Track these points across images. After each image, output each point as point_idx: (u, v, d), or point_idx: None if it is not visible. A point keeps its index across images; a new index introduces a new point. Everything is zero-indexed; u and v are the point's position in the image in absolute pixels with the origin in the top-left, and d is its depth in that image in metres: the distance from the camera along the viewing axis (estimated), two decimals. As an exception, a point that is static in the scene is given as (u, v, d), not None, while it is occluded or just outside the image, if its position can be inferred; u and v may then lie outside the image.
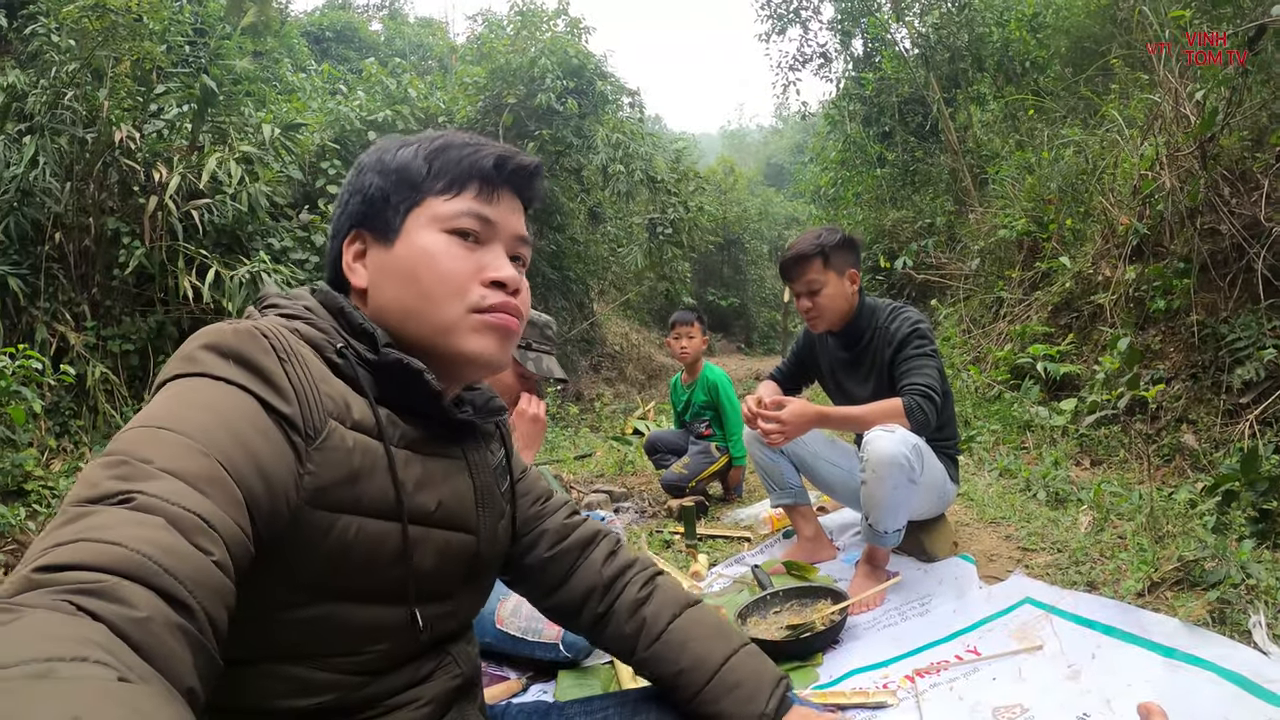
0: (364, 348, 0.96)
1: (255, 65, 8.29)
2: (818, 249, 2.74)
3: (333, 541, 0.86)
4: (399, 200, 1.01)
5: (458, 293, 0.98)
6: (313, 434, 0.84)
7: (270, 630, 0.85)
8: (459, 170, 1.00)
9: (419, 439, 0.99)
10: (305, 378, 0.86)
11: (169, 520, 0.64)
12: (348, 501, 0.87)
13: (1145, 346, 4.29)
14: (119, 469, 0.68)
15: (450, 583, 1.03)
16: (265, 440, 0.79)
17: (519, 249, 1.06)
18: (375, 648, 0.93)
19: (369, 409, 0.92)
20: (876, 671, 2.13)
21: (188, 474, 0.69)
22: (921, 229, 9.80)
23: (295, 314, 0.96)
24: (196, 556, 0.64)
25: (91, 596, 0.55)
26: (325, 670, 0.89)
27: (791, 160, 28.75)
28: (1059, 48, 8.47)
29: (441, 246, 0.98)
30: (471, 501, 1.06)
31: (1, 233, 5.28)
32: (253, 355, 0.83)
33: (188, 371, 0.81)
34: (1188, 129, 4.31)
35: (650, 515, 4.25)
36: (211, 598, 0.64)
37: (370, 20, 20.48)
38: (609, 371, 12.51)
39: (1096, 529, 2.89)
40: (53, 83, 5.58)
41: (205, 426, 0.74)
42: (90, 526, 0.61)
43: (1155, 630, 2.06)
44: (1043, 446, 4.26)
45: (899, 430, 2.45)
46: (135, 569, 0.59)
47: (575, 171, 10.77)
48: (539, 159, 1.08)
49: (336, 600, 0.89)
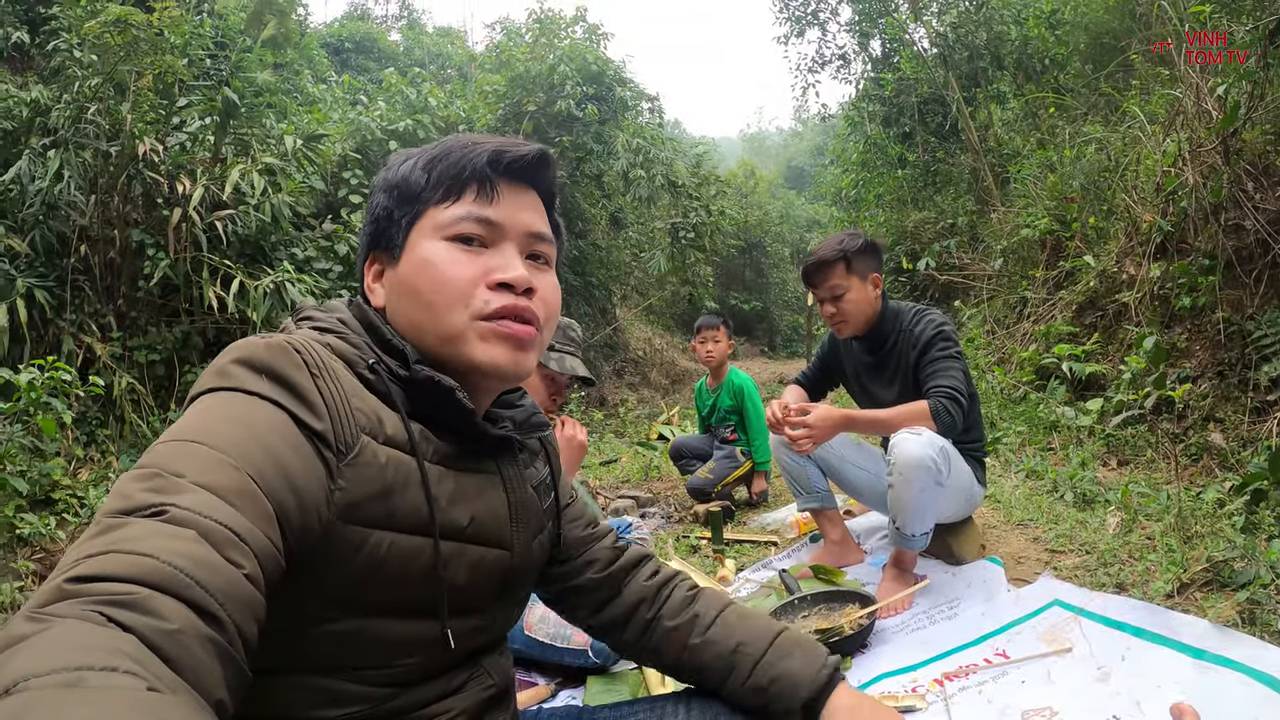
0: (395, 364, 0.95)
1: (276, 77, 8.38)
2: (840, 254, 2.74)
3: (365, 557, 0.85)
4: (401, 215, 1.00)
5: (460, 300, 0.95)
6: (344, 450, 0.84)
7: (301, 642, 0.85)
8: (455, 174, 0.98)
9: (452, 454, 0.98)
10: (337, 393, 0.86)
11: (201, 533, 0.64)
12: (380, 517, 0.87)
13: (1171, 345, 4.24)
14: (151, 482, 0.68)
15: (483, 598, 1.02)
16: (297, 455, 0.79)
17: (536, 246, 1.03)
18: (406, 661, 0.92)
19: (401, 424, 0.92)
20: (905, 675, 2.12)
21: (219, 487, 0.69)
22: (943, 229, 9.74)
23: (329, 327, 0.96)
24: (227, 569, 0.64)
25: (122, 608, 0.55)
26: (355, 683, 0.89)
27: (812, 163, 28.72)
28: (1078, 44, 8.39)
29: (440, 254, 0.96)
30: (506, 517, 1.04)
31: (28, 246, 5.36)
32: (285, 370, 0.83)
33: (220, 386, 0.82)
34: (1210, 124, 4.27)
35: (676, 521, 4.25)
36: (242, 610, 0.64)
37: (389, 31, 20.66)
38: (632, 377, 12.52)
39: (1124, 530, 2.86)
40: (76, 97, 5.66)
41: (237, 440, 0.75)
42: (122, 538, 0.61)
43: (1185, 631, 2.04)
44: (1069, 447, 4.23)
45: (926, 433, 2.45)
46: (166, 581, 0.59)
47: (596, 177, 10.80)
48: (541, 146, 1.03)
49: (368, 615, 0.88)
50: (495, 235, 0.99)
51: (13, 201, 5.52)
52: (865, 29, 12.09)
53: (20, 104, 5.96)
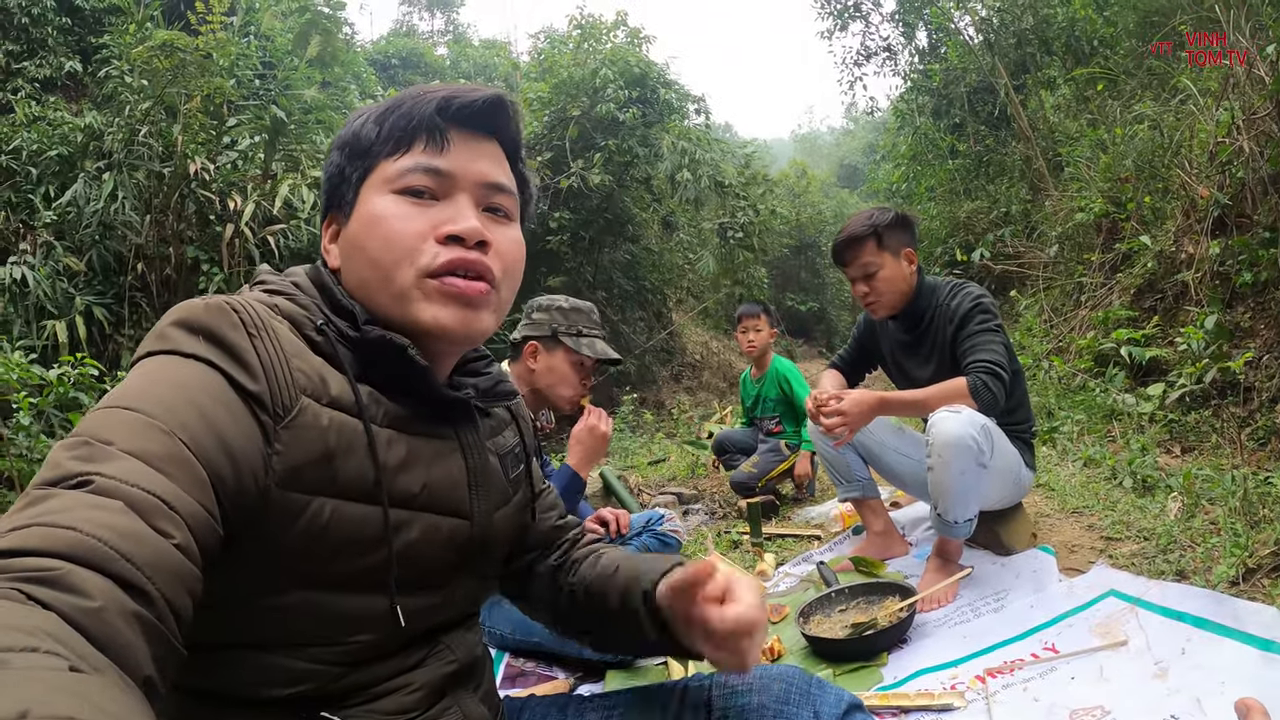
0: (345, 324, 0.91)
1: (323, 94, 8.56)
2: (870, 229, 2.65)
3: (305, 525, 0.81)
4: (352, 171, 0.96)
5: (407, 255, 0.91)
6: (282, 412, 0.80)
7: (245, 616, 0.82)
8: (405, 125, 0.93)
9: (405, 417, 0.93)
10: (275, 352, 0.82)
11: (128, 502, 0.62)
12: (322, 482, 0.83)
13: (1234, 324, 4.04)
14: (79, 450, 0.66)
15: (441, 570, 0.97)
16: (231, 417, 0.76)
17: (493, 198, 0.98)
18: (357, 638, 0.88)
19: (348, 386, 0.88)
20: (945, 671, 2.02)
21: (149, 454, 0.67)
22: (997, 219, 9.51)
23: (278, 289, 0.93)
24: (155, 540, 0.61)
25: (42, 585, 0.53)
26: (304, 660, 0.85)
27: (865, 160, 28.31)
28: (1127, 24, 8.12)
29: (388, 208, 0.92)
30: (464, 483, 0.99)
31: (85, 265, 5.55)
32: (220, 330, 0.80)
33: (158, 349, 0.79)
34: (1263, 90, 4.06)
35: (720, 517, 4.20)
36: (171, 583, 0.61)
37: (435, 45, 21.00)
38: (689, 380, 12.45)
39: (1186, 515, 2.70)
40: (128, 121, 5.86)
41: (169, 404, 0.72)
42: (46, 510, 0.59)
43: (1251, 621, 1.89)
44: (1129, 434, 4.04)
45: (966, 411, 2.33)
46: (88, 554, 0.56)
47: (644, 181, 10.79)
48: (498, 91, 0.97)
49: (313, 588, 0.84)
50: (446, 186, 0.94)
51: (71, 223, 5.74)
52: (909, 19, 11.89)
53: (75, 130, 6.20)
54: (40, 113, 6.72)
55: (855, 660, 2.14)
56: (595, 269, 11.01)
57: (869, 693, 1.96)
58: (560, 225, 9.70)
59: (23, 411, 3.18)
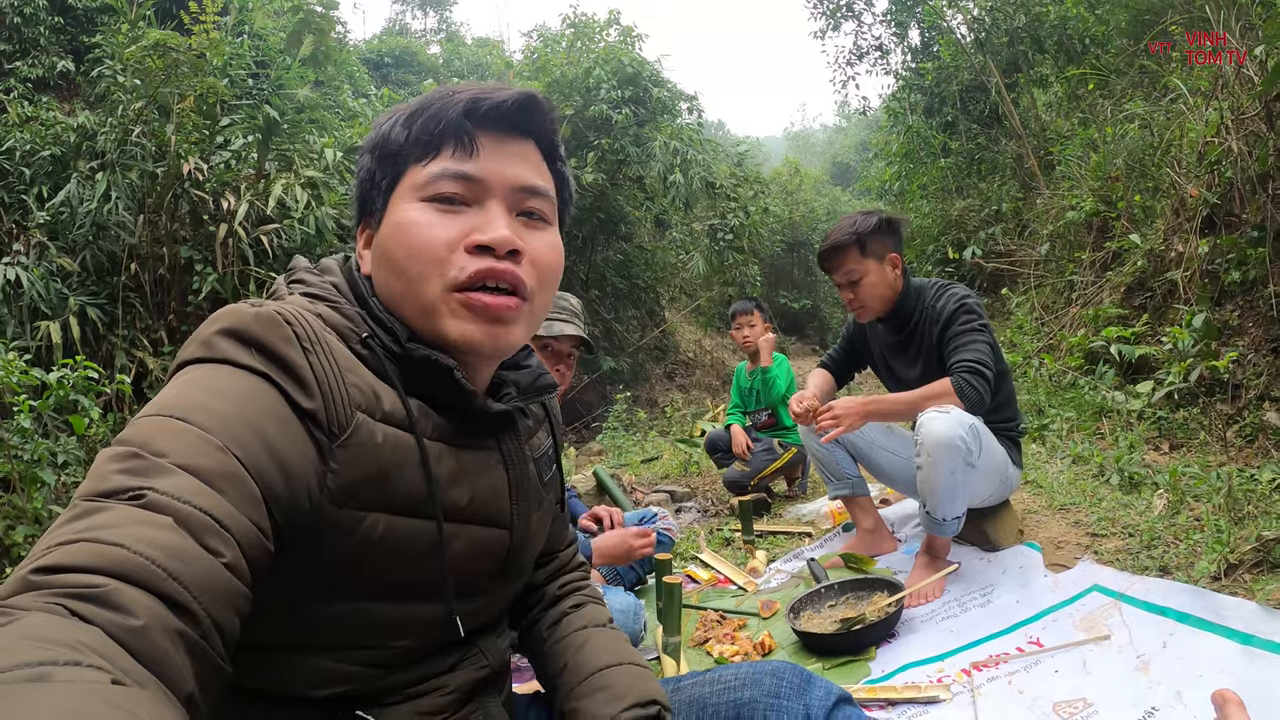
0: (389, 338, 0.89)
1: (316, 94, 8.53)
2: (853, 237, 2.67)
3: (359, 540, 0.81)
4: (382, 177, 0.94)
5: (435, 266, 0.88)
6: (338, 430, 0.79)
7: (294, 622, 0.82)
8: (434, 128, 0.90)
9: (451, 430, 0.92)
10: (331, 369, 0.80)
11: (178, 520, 0.61)
12: (376, 498, 0.82)
13: (1223, 322, 4.08)
14: (129, 462, 0.64)
15: (481, 578, 0.98)
16: (286, 434, 0.74)
17: (528, 202, 0.94)
18: (400, 643, 0.89)
19: (399, 400, 0.86)
20: (932, 665, 2.05)
21: (202, 470, 0.66)
22: (989, 217, 9.55)
23: (321, 294, 0.91)
24: (204, 559, 0.61)
25: (86, 602, 0.53)
26: (348, 663, 0.85)
27: (857, 158, 28.35)
28: (1118, 22, 8.16)
29: (416, 216, 0.89)
30: (505, 495, 0.99)
31: (79, 265, 5.54)
32: (275, 344, 0.78)
33: (207, 357, 0.77)
34: (1252, 90, 4.09)
35: (712, 515, 4.22)
36: (219, 602, 0.61)
37: (428, 44, 20.96)
38: (682, 379, 12.47)
39: (1171, 512, 2.74)
40: (121, 120, 5.84)
41: (223, 417, 0.70)
42: (94, 525, 0.58)
43: (1231, 615, 1.93)
44: (1118, 432, 4.08)
45: (954, 411, 2.36)
46: (135, 572, 0.56)
47: (637, 180, 10.80)
48: (528, 90, 0.93)
49: (364, 598, 0.85)
50: (477, 192, 0.91)
51: (64, 223, 5.73)
52: (901, 18, 11.91)
53: (68, 130, 6.19)
54: (33, 113, 6.70)
55: (844, 654, 2.17)
56: (588, 267, 11.02)
57: (857, 686, 1.99)
58: (554, 224, 9.69)
59: (23, 414, 3.18)
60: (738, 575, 3.01)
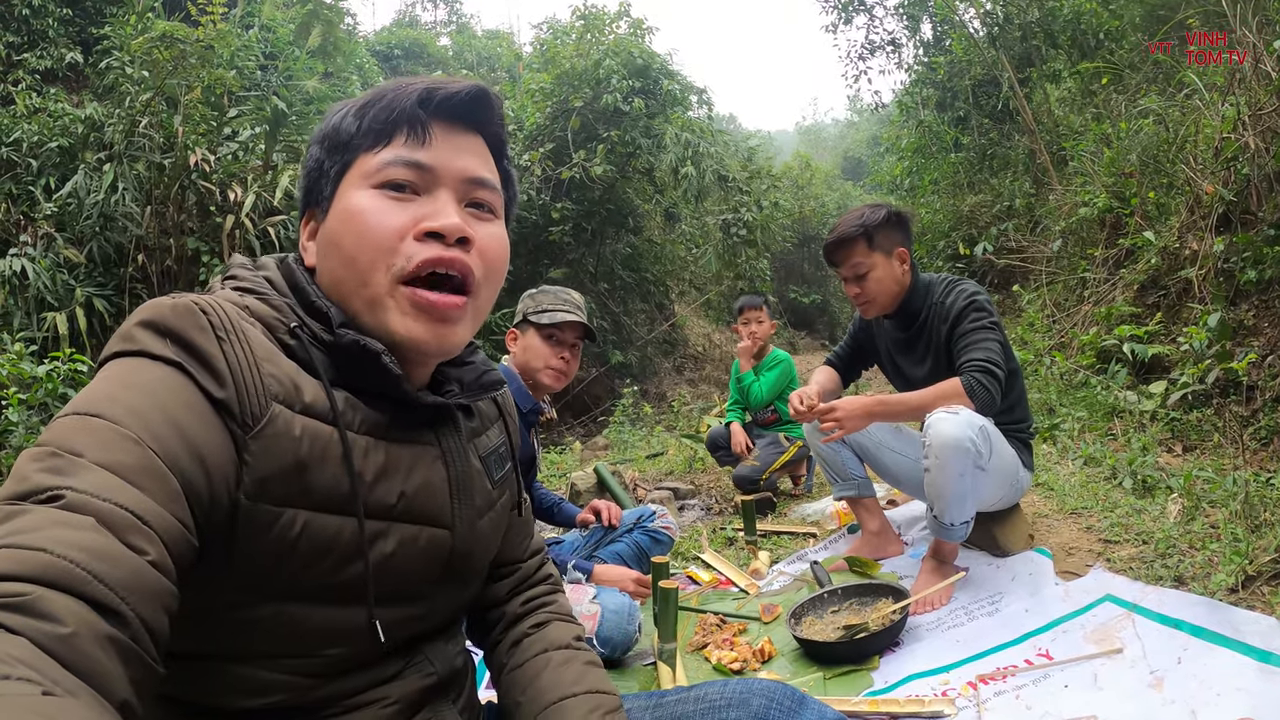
0: (320, 327, 0.88)
1: (325, 85, 8.52)
2: (860, 229, 2.61)
3: (276, 537, 0.79)
4: (331, 165, 0.93)
5: (383, 254, 0.87)
6: (251, 421, 0.77)
7: (216, 628, 0.79)
8: (386, 117, 0.90)
9: (383, 424, 0.90)
10: (245, 357, 0.79)
11: (99, 519, 0.60)
12: (294, 494, 0.80)
13: (1238, 322, 4.00)
14: (48, 462, 0.63)
15: (421, 582, 0.94)
16: (202, 425, 0.73)
17: (476, 193, 0.94)
18: (332, 650, 0.86)
19: (323, 392, 0.84)
20: (936, 677, 2.00)
21: (120, 466, 0.64)
22: (1000, 213, 9.45)
23: (251, 288, 0.90)
24: (130, 558, 0.59)
25: (11, 611, 0.51)
26: (277, 671, 0.83)
27: (869, 152, 28.18)
28: (1133, 17, 8.06)
29: (366, 203, 0.89)
30: (445, 493, 0.96)
31: (86, 257, 5.54)
32: (188, 333, 0.76)
33: (125, 350, 0.76)
34: (1270, 85, 4.01)
35: (716, 513, 4.17)
36: (147, 602, 0.59)
37: (438, 36, 20.92)
38: (691, 373, 12.43)
39: (1186, 518, 2.67)
40: (128, 112, 5.84)
41: (140, 412, 0.69)
42: (15, 530, 0.57)
43: (1249, 630, 1.87)
44: (1131, 432, 4.00)
45: (964, 412, 2.29)
46: (60, 577, 0.54)
47: (647, 172, 10.75)
48: (480, 84, 0.94)
49: (285, 600, 0.82)
50: (428, 181, 0.91)
51: (71, 215, 5.74)
52: (914, 12, 11.81)
53: (75, 121, 6.19)
54: (41, 104, 6.71)
55: (846, 663, 2.12)
56: (597, 260, 10.98)
57: (859, 698, 1.94)
58: (562, 216, 9.67)
59: (12, 408, 3.16)
60: (739, 577, 2.96)
